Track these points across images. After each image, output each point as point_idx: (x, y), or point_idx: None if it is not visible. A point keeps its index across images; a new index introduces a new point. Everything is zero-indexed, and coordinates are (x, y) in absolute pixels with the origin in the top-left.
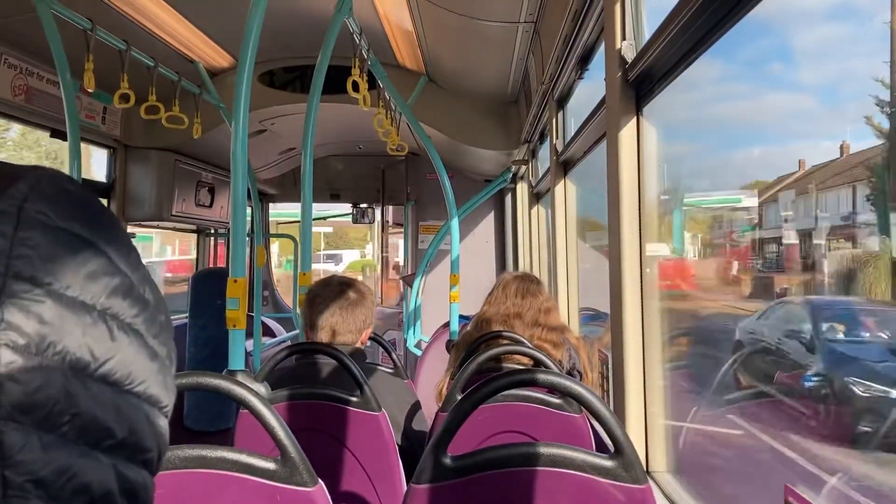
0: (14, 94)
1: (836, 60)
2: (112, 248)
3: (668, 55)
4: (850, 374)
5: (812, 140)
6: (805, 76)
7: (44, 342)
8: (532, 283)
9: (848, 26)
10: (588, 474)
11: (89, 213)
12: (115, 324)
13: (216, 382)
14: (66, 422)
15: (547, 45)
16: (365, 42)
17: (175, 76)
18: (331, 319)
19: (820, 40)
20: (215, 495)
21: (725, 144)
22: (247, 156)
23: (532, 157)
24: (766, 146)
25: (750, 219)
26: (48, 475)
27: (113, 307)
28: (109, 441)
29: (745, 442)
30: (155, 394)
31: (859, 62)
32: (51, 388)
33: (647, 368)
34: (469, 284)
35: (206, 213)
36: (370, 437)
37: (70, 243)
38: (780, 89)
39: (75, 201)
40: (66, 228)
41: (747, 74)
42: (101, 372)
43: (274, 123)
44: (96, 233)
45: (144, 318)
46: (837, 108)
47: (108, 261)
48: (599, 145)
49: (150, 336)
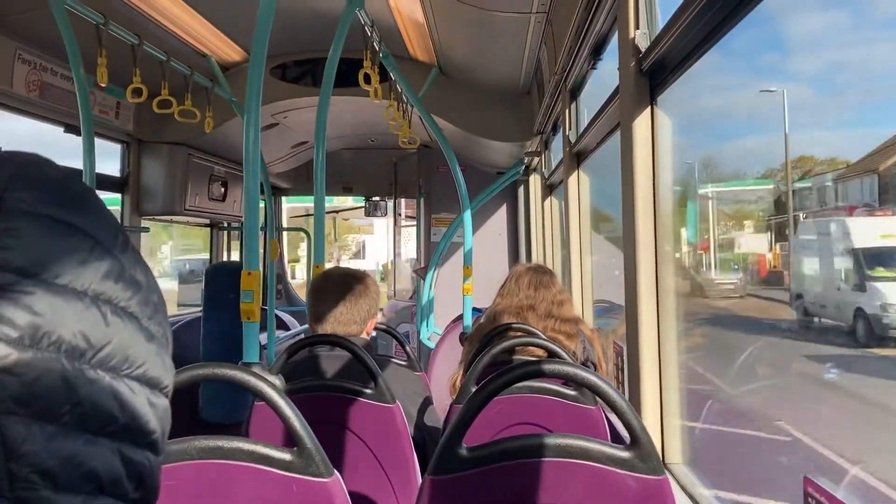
0: (28, 90)
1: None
2: (100, 231)
3: (682, 44)
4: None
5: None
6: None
7: (37, 333)
8: (545, 275)
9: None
10: (604, 465)
11: (73, 197)
12: (108, 309)
13: (232, 373)
14: (67, 411)
15: (559, 35)
16: (377, 34)
17: (187, 70)
18: (335, 311)
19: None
20: (231, 486)
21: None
22: (259, 149)
23: (545, 148)
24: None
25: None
26: (54, 465)
27: (105, 292)
28: (112, 426)
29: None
30: (154, 375)
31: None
32: (49, 378)
33: (663, 360)
34: (482, 277)
35: (219, 207)
36: (384, 428)
37: (56, 230)
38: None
39: (58, 186)
40: (51, 215)
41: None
42: (99, 358)
43: (286, 117)
44: (82, 217)
45: (138, 300)
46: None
47: (96, 244)
48: (613, 136)
49: (145, 318)
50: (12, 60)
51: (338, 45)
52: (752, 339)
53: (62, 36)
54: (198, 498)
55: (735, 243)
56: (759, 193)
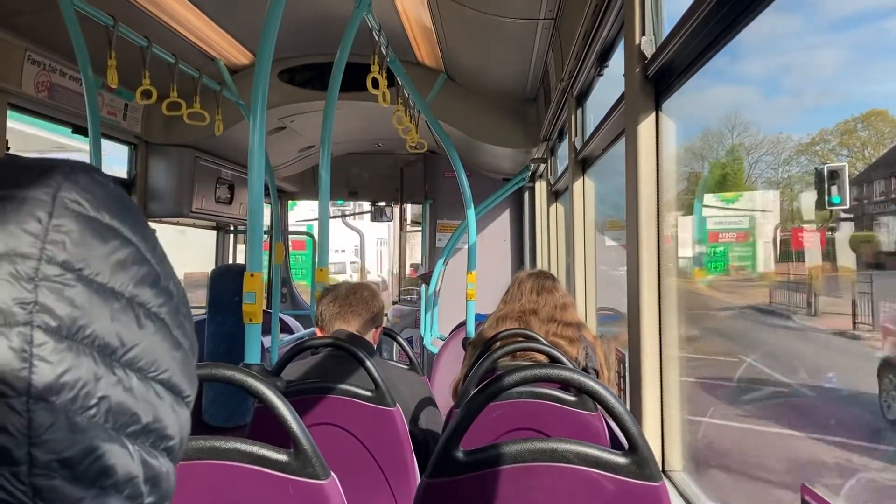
0: (38, 91)
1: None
2: (140, 239)
3: (687, 50)
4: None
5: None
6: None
7: (74, 325)
8: (548, 280)
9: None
10: (601, 471)
11: (119, 205)
12: (142, 311)
13: (230, 374)
14: (94, 405)
15: (566, 41)
16: (384, 39)
17: (196, 73)
18: (342, 317)
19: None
20: (228, 486)
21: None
22: (264, 153)
23: (551, 154)
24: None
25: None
26: (74, 455)
27: (140, 295)
28: (135, 426)
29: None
30: (178, 383)
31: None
32: (80, 370)
33: (664, 366)
34: (486, 283)
35: (226, 210)
36: (384, 431)
37: (101, 232)
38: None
39: (107, 193)
40: (97, 218)
41: None
42: (128, 357)
43: (293, 121)
44: (125, 224)
45: (169, 308)
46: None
47: (136, 251)
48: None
49: (175, 326)
50: (22, 61)
51: (345, 50)
52: None
53: (71, 37)
54: (194, 498)
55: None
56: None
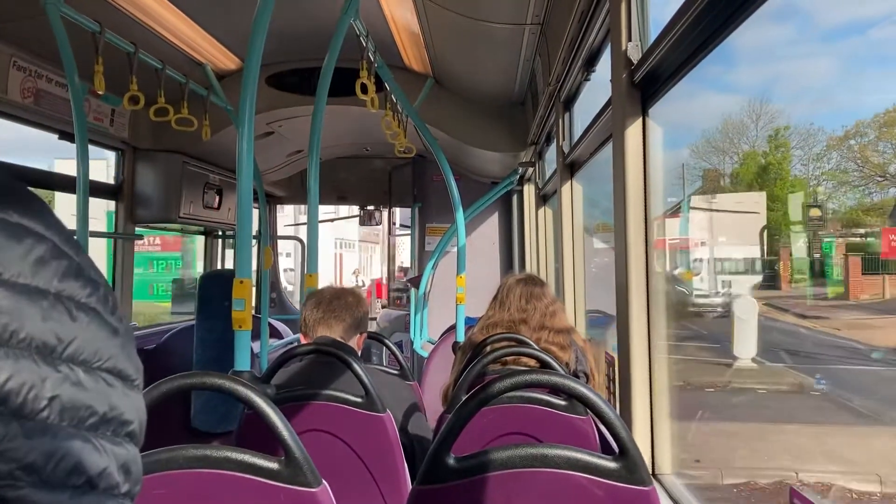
0: (23, 97)
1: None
2: (53, 233)
3: (673, 56)
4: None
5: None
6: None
7: (6, 331)
8: (536, 286)
9: None
10: (591, 475)
11: (23, 200)
12: (72, 305)
13: (220, 382)
14: (45, 406)
15: (553, 46)
16: (372, 44)
17: (183, 79)
18: (326, 322)
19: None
20: (219, 495)
21: None
22: (252, 158)
23: (539, 158)
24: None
25: None
26: (36, 460)
27: (67, 289)
28: (93, 419)
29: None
30: (124, 368)
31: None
32: (22, 375)
33: (654, 370)
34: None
35: (214, 215)
36: (375, 438)
37: (12, 232)
38: None
39: (7, 190)
40: (6, 218)
41: None
42: (69, 353)
43: (282, 126)
44: (36, 220)
45: (98, 296)
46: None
47: (53, 245)
48: (606, 147)
49: (108, 313)
50: (7, 67)
51: (333, 55)
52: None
53: (57, 43)
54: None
55: None
56: None
